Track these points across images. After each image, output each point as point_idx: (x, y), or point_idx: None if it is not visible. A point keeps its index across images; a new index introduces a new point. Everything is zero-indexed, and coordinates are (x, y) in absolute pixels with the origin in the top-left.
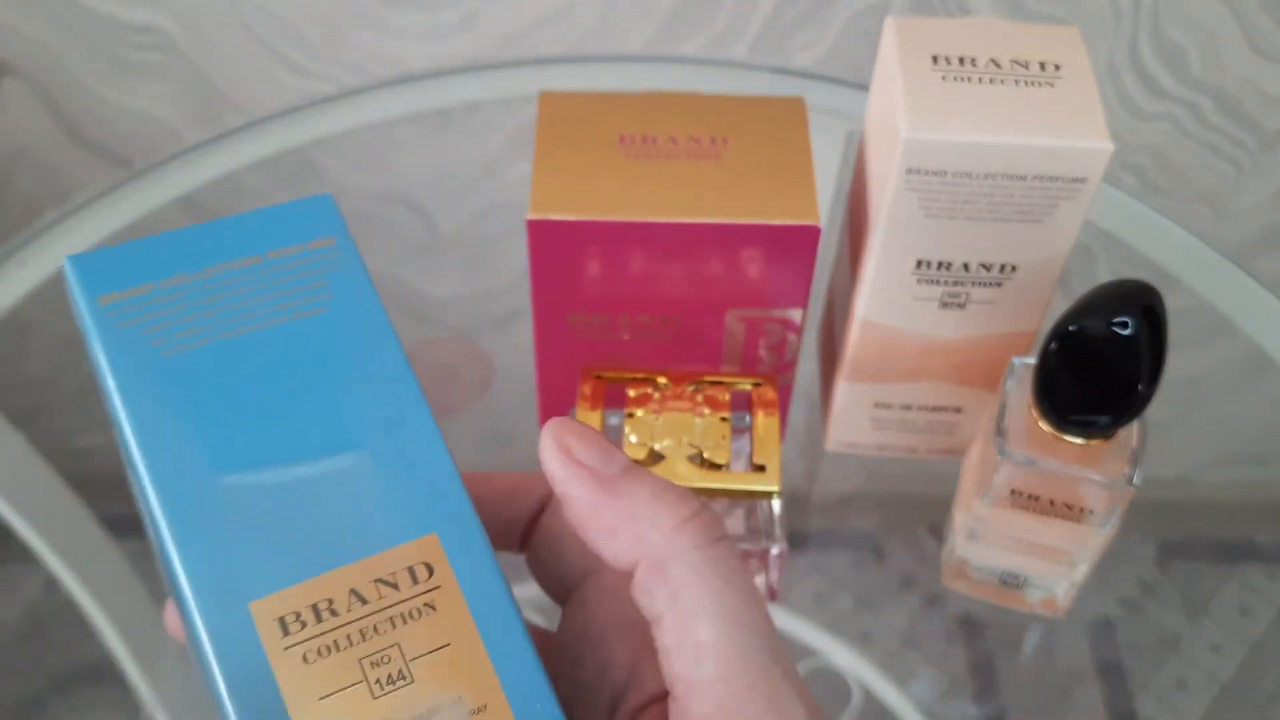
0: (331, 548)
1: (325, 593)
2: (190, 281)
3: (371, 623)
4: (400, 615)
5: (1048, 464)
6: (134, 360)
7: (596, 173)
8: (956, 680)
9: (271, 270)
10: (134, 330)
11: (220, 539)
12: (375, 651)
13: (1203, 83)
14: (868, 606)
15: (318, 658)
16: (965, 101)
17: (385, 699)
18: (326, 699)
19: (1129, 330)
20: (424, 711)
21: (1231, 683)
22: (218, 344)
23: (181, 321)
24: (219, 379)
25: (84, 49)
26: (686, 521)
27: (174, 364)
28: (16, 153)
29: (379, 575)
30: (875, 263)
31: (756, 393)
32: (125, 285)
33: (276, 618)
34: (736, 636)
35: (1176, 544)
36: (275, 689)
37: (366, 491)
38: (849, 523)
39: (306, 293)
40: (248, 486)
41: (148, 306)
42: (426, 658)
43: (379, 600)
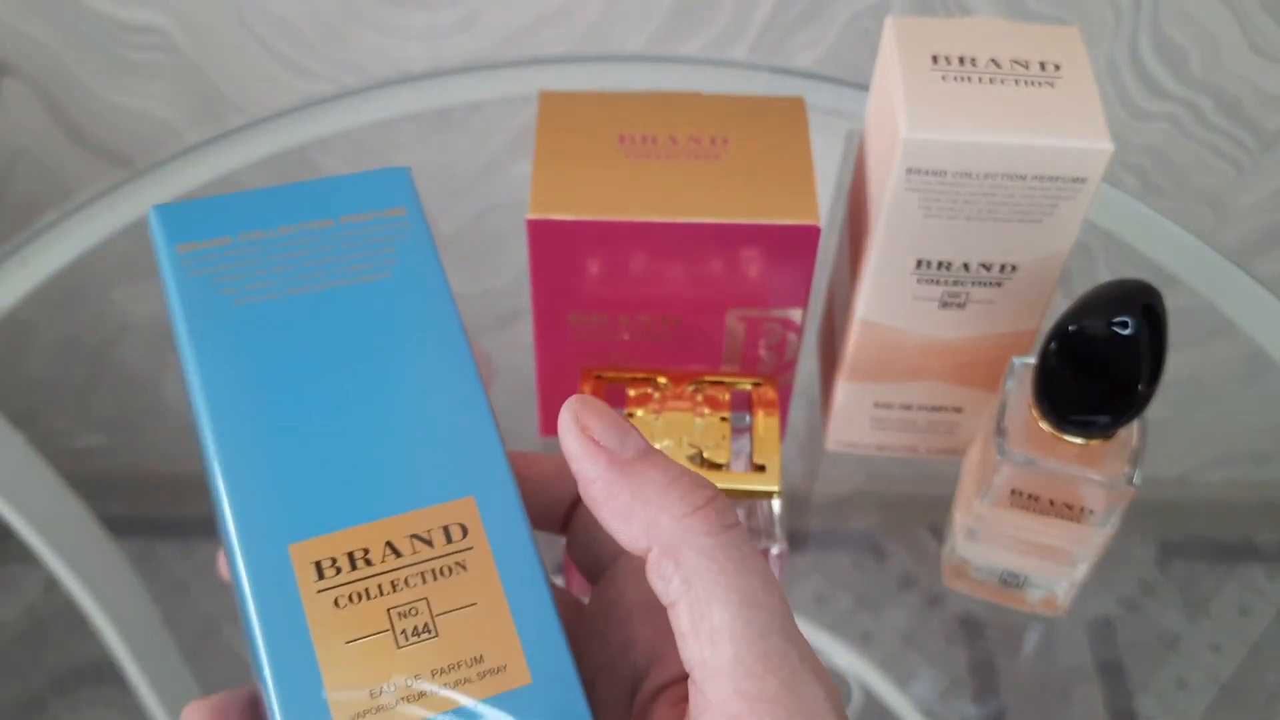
0: (372, 500)
1: (362, 542)
2: (265, 237)
3: (403, 575)
4: (431, 571)
5: (1048, 464)
6: (204, 307)
7: (596, 173)
8: (956, 680)
9: (343, 234)
10: (207, 279)
11: (269, 481)
12: (404, 603)
13: (1203, 83)
14: (868, 606)
15: (348, 604)
16: (965, 101)
17: (409, 649)
18: (353, 643)
19: (1129, 330)
20: (444, 666)
21: (1231, 683)
22: (285, 299)
23: (253, 275)
24: (283, 331)
25: (84, 49)
26: (699, 509)
27: (242, 313)
28: (16, 153)
29: (415, 531)
30: (875, 263)
31: (756, 393)
32: (204, 236)
33: (313, 561)
34: (752, 620)
35: (1176, 544)
36: (305, 629)
37: (411, 450)
38: (849, 523)
39: (374, 258)
40: (300, 434)
41: (223, 258)
42: (452, 614)
43: (412, 555)
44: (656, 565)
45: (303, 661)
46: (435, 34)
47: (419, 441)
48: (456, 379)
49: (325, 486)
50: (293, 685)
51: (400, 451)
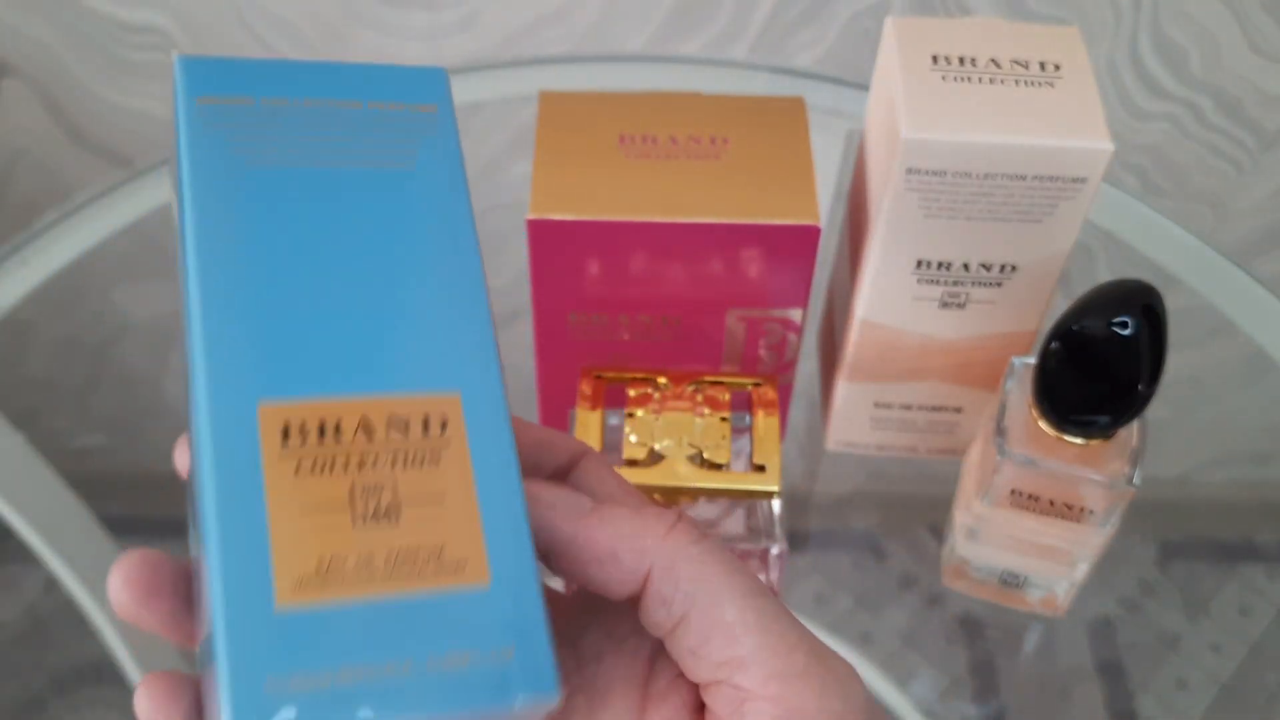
0: (352, 375)
1: (335, 414)
2: (289, 106)
3: (373, 455)
4: (402, 458)
5: (1048, 464)
6: (214, 160)
7: (596, 173)
8: (956, 680)
9: (369, 118)
10: (223, 134)
11: (248, 335)
12: (368, 484)
13: (1203, 83)
14: (868, 606)
15: (310, 473)
16: (965, 101)
17: (366, 530)
18: (309, 515)
19: (1129, 330)
20: (400, 550)
21: (1231, 683)
22: (299, 170)
23: (270, 140)
24: (290, 200)
25: (84, 49)
26: (674, 526)
27: (252, 174)
28: (16, 153)
29: (392, 414)
30: (875, 263)
31: (756, 393)
32: (226, 92)
33: (281, 423)
34: (760, 608)
35: (1176, 544)
36: (260, 489)
37: (402, 335)
38: (849, 523)
39: (397, 147)
40: (288, 299)
41: (243, 118)
42: (417, 504)
43: (385, 439)
44: (658, 591)
45: (253, 520)
46: (435, 34)
47: (411, 328)
48: (460, 278)
49: (306, 352)
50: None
51: (390, 334)
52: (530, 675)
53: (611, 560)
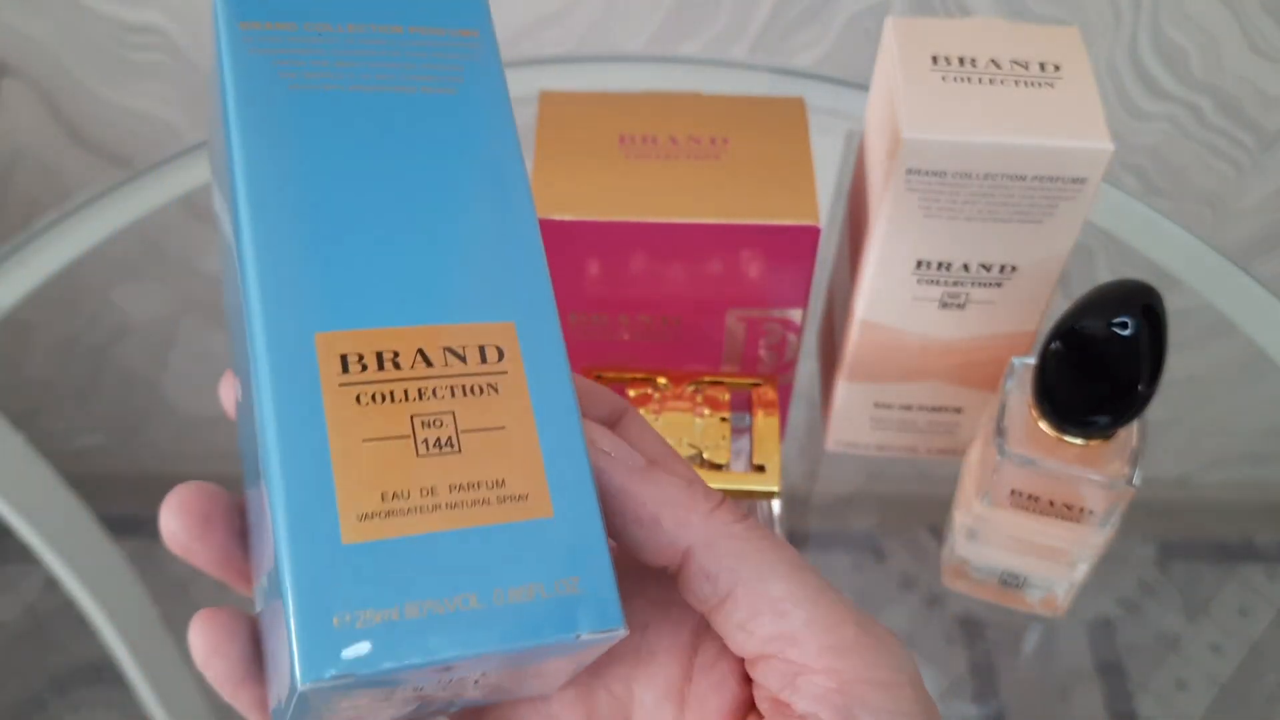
0: (409, 305)
1: (393, 344)
2: (332, 31)
3: (431, 385)
4: (462, 387)
5: (1048, 464)
6: (260, 85)
7: (596, 173)
8: (956, 680)
9: (411, 42)
10: (267, 59)
11: (302, 266)
12: (429, 413)
13: (1203, 83)
14: (868, 607)
15: (370, 402)
16: (965, 102)
17: (429, 459)
18: (371, 442)
19: (1129, 330)
20: (464, 482)
21: (1231, 683)
22: (345, 93)
23: (315, 64)
24: (338, 123)
25: (84, 49)
26: (720, 503)
27: (298, 98)
28: (16, 153)
29: (449, 344)
30: (875, 263)
31: (756, 393)
32: (269, 17)
33: (339, 354)
34: (807, 581)
35: (1176, 544)
36: (321, 420)
37: (455, 265)
38: (849, 523)
39: (440, 71)
40: (340, 227)
41: (286, 43)
42: (478, 434)
43: (444, 367)
44: (702, 566)
45: (315, 453)
46: None
47: (464, 257)
48: (510, 205)
49: (361, 283)
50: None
51: (444, 263)
52: (596, 608)
53: (653, 524)
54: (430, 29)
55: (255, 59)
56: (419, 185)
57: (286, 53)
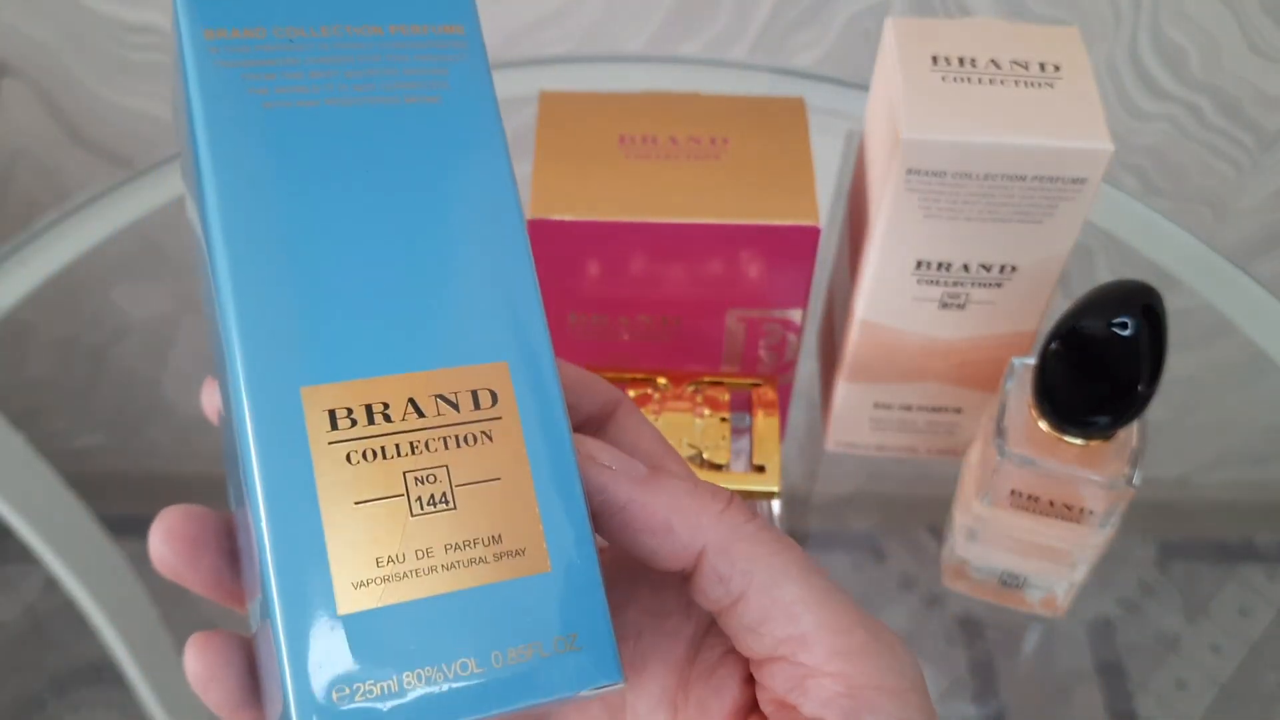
0: (397, 351)
1: (382, 395)
2: (305, 36)
3: (424, 438)
4: (455, 437)
5: (1048, 464)
6: (230, 104)
7: (596, 173)
8: (956, 680)
9: (391, 44)
10: (236, 72)
11: (284, 313)
12: (422, 468)
13: (1203, 83)
14: (868, 607)
15: (361, 460)
16: (965, 102)
17: (423, 518)
18: (362, 504)
19: (1129, 330)
20: (459, 541)
21: (1231, 683)
22: (321, 109)
23: (288, 76)
24: (315, 146)
25: (84, 49)
26: (730, 503)
27: (272, 117)
28: (16, 153)
29: (441, 390)
30: (875, 263)
31: (756, 393)
32: (236, 24)
33: (326, 409)
34: (817, 585)
35: (1176, 544)
36: (311, 483)
37: (443, 302)
38: (849, 523)
39: (423, 77)
40: (324, 267)
41: (256, 52)
42: (473, 487)
43: (436, 416)
44: (714, 568)
45: (305, 518)
46: None
47: (454, 293)
48: (500, 230)
49: (347, 329)
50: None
51: (433, 301)
52: (595, 663)
53: (665, 531)
54: (412, 27)
55: (223, 74)
56: (404, 214)
57: (256, 64)
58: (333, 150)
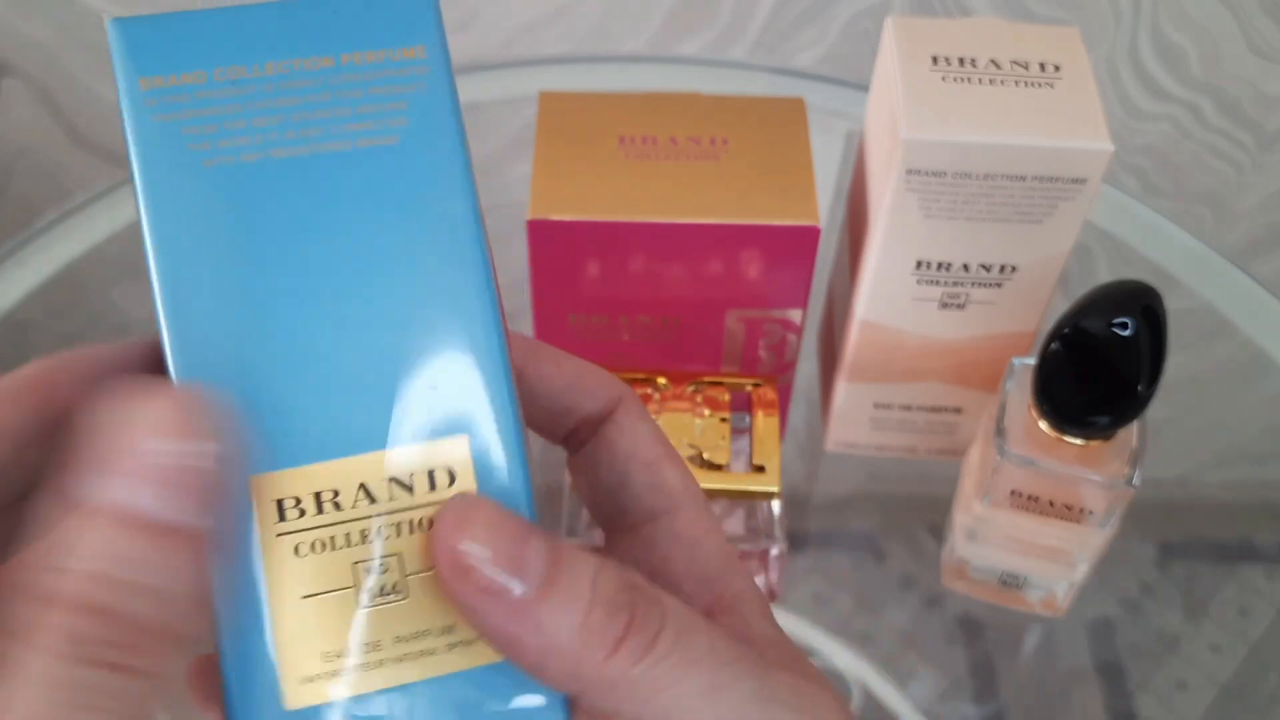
0: (348, 431)
1: (333, 481)
2: (249, 77)
3: (376, 525)
4: (408, 522)
5: (1047, 464)
6: (169, 165)
7: (596, 173)
8: (956, 680)
9: (344, 78)
10: (175, 126)
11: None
12: (372, 559)
13: (1203, 83)
14: (868, 607)
15: (310, 552)
16: (965, 102)
17: (372, 611)
18: (310, 598)
19: (1129, 331)
20: (410, 633)
21: (1231, 683)
22: (265, 161)
23: (230, 126)
24: (259, 207)
25: (84, 49)
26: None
27: (212, 177)
28: (16, 153)
29: (395, 473)
30: (875, 263)
31: (756, 393)
32: (173, 69)
33: (275, 499)
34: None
35: (1176, 544)
36: (259, 577)
37: (400, 374)
38: (849, 523)
39: (379, 114)
40: (270, 344)
41: (195, 100)
42: (426, 575)
43: (389, 501)
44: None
45: (253, 613)
46: None
47: (411, 362)
48: (463, 286)
49: (297, 410)
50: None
51: (389, 374)
52: None
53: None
54: (367, 54)
55: (160, 130)
56: (358, 281)
57: (196, 114)
58: (279, 211)
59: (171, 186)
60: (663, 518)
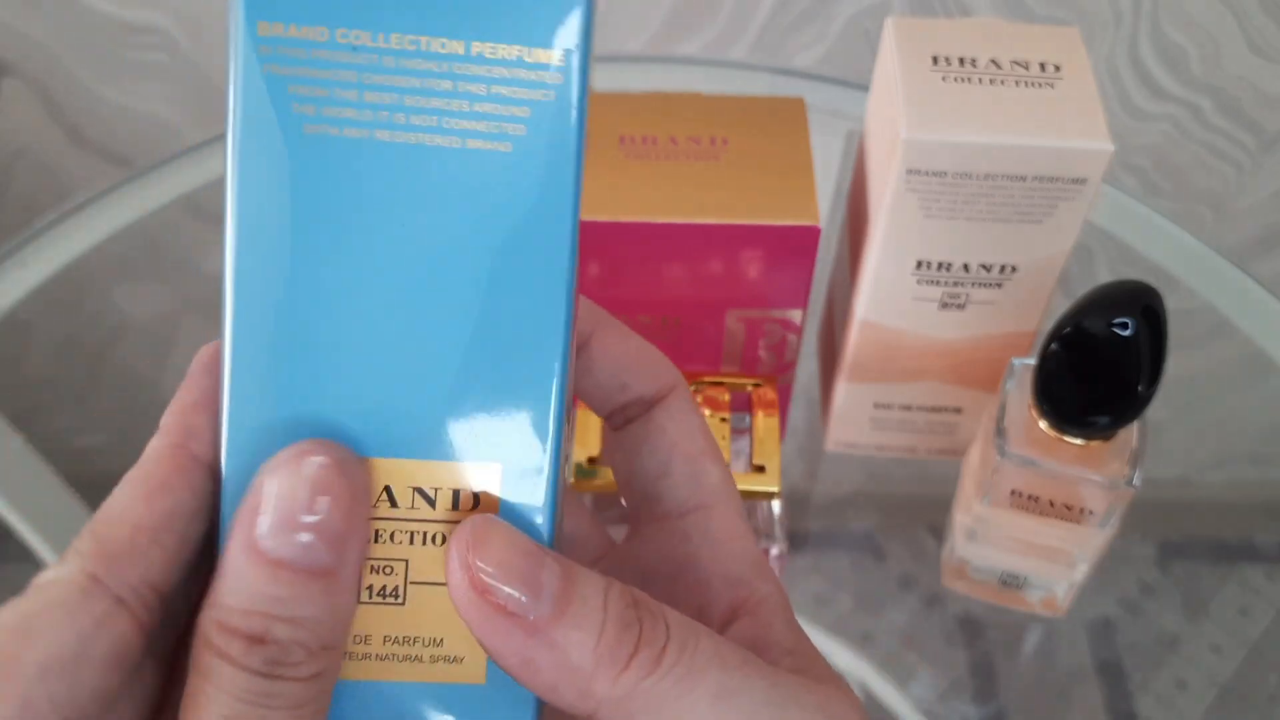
0: (387, 434)
1: None
2: (371, 45)
3: (390, 529)
4: (422, 534)
5: (1048, 464)
6: (269, 121)
7: (596, 173)
8: (956, 680)
9: (469, 67)
10: (284, 81)
11: (283, 372)
12: (381, 558)
13: (1203, 83)
14: (868, 607)
15: None
16: (965, 102)
17: (370, 606)
18: None
19: (1129, 331)
20: (399, 636)
21: (1231, 683)
22: (368, 141)
23: (340, 95)
24: (351, 187)
25: (84, 49)
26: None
27: (311, 144)
28: (16, 153)
29: (421, 484)
30: (875, 263)
31: (756, 393)
32: (295, 18)
33: None
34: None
35: (1176, 544)
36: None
37: (451, 390)
38: (849, 523)
39: (498, 115)
40: (331, 329)
41: (311, 58)
42: (427, 587)
43: (408, 509)
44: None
45: None
46: None
47: (465, 382)
48: (538, 321)
49: (340, 400)
50: None
51: (440, 387)
52: None
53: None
54: (500, 48)
55: (269, 80)
56: (434, 286)
57: (308, 74)
58: (370, 197)
59: (267, 145)
60: (697, 513)
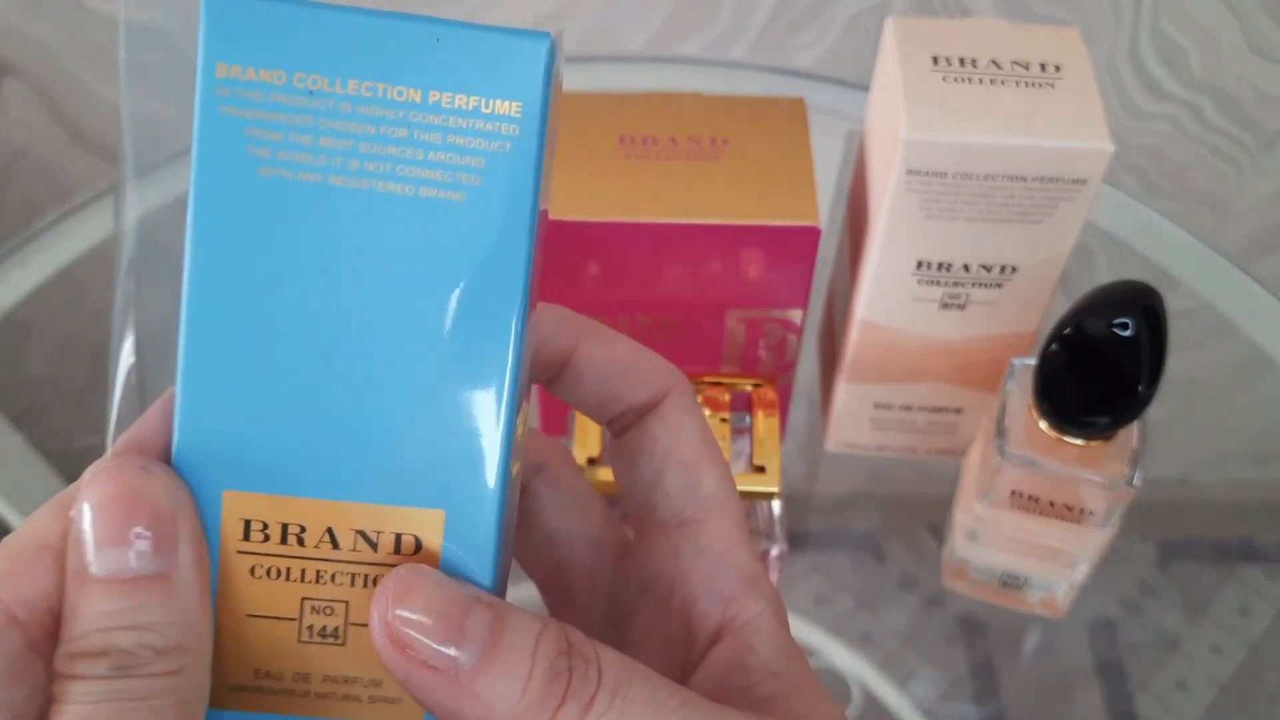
0: (332, 474)
1: (302, 517)
2: (328, 91)
3: (331, 570)
4: (364, 576)
5: (1048, 465)
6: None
7: (596, 173)
8: (956, 680)
9: (425, 116)
10: (240, 124)
11: (230, 409)
12: (321, 599)
13: (1203, 83)
14: (868, 607)
15: (265, 577)
16: (965, 102)
17: (310, 646)
18: (255, 618)
19: (1129, 331)
20: (339, 676)
21: (1231, 683)
22: (321, 186)
23: (295, 139)
24: (302, 231)
25: (84, 49)
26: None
27: (265, 186)
28: (16, 153)
29: (363, 526)
30: (875, 263)
31: (756, 393)
32: (254, 61)
33: (243, 518)
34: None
35: (1176, 544)
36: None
37: (398, 434)
38: (849, 523)
39: (452, 166)
40: (281, 370)
41: (267, 101)
42: (367, 629)
43: (350, 551)
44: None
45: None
46: None
47: (413, 426)
48: (486, 373)
49: (289, 440)
50: None
51: (387, 431)
52: None
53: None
54: (458, 97)
55: (226, 122)
56: (383, 331)
57: (264, 117)
58: (321, 241)
59: (222, 185)
60: (690, 525)
